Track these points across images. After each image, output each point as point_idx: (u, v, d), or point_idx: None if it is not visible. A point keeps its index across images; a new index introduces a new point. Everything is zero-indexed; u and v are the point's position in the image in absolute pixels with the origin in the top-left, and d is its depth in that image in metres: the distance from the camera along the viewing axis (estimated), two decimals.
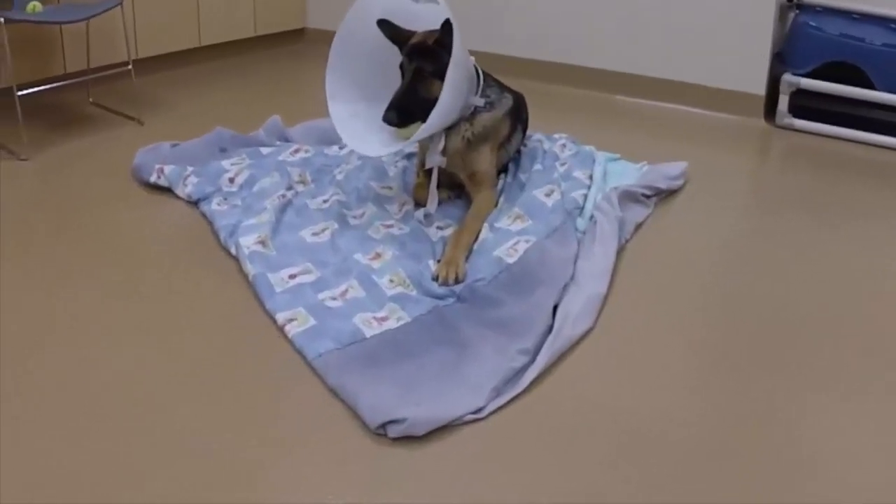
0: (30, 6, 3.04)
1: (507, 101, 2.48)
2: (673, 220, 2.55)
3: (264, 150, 2.73)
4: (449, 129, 2.31)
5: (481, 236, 2.18)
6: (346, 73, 2.37)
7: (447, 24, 2.13)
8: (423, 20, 2.30)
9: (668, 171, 2.81)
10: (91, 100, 3.53)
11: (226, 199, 2.39)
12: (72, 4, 3.30)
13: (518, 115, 2.58)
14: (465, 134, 2.33)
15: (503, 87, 2.52)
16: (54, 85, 3.23)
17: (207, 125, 3.05)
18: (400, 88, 2.22)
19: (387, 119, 2.19)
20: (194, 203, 2.42)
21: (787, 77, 3.73)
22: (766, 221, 2.67)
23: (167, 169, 2.53)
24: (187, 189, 2.45)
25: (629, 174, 2.82)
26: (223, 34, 4.27)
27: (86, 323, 1.83)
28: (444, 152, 2.32)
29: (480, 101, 2.35)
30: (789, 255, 2.39)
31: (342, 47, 2.38)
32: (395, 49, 2.31)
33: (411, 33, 2.29)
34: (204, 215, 2.34)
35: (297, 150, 2.73)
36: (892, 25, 3.87)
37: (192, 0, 4.04)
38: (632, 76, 4.03)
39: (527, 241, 2.13)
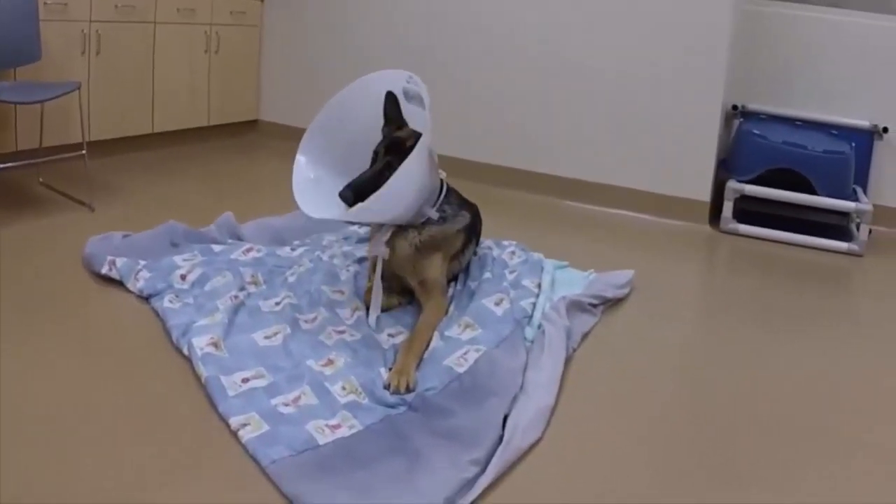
0: None
1: (463, 219, 2.74)
2: (620, 329, 2.79)
3: (216, 248, 2.92)
4: (397, 231, 2.54)
5: (432, 345, 2.38)
6: (323, 138, 2.61)
7: (419, 136, 2.39)
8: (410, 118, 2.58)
9: (615, 280, 3.08)
10: (41, 180, 3.71)
11: (178, 296, 2.56)
12: (29, 83, 3.52)
13: (473, 230, 2.85)
14: (413, 240, 2.56)
15: (463, 204, 2.79)
16: (6, 165, 3.39)
17: (159, 215, 3.25)
18: (365, 173, 2.43)
19: (343, 195, 2.36)
20: (145, 298, 2.58)
21: (732, 184, 4.11)
22: (712, 327, 2.95)
23: (119, 262, 2.70)
24: (139, 284, 2.63)
25: (577, 282, 3.07)
26: (177, 122, 4.58)
27: (29, 420, 1.92)
28: (392, 254, 2.54)
29: (435, 215, 2.59)
30: (736, 359, 2.65)
31: (332, 113, 2.63)
32: (373, 135, 2.55)
33: (403, 124, 2.56)
34: (156, 312, 2.50)
35: (249, 250, 2.93)
36: (833, 132, 4.34)
37: (147, 87, 4.32)
38: (581, 182, 4.41)
39: (477, 351, 2.33)
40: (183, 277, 2.67)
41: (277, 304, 2.57)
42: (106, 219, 3.36)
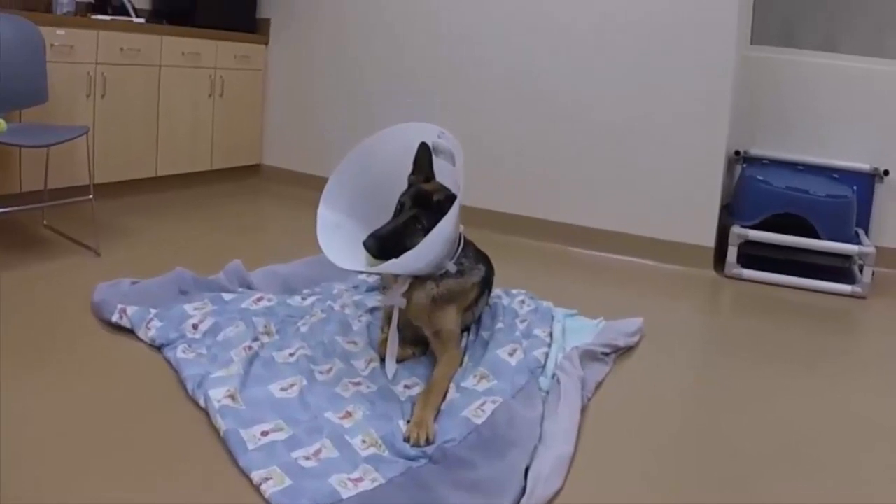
0: None
1: (479, 272, 2.78)
2: (631, 376, 2.82)
3: (227, 297, 2.94)
4: (415, 282, 2.57)
5: (448, 396, 2.40)
6: (344, 187, 2.63)
7: (453, 197, 2.44)
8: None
9: (624, 328, 3.12)
10: (45, 222, 3.74)
11: (190, 346, 2.57)
12: (36, 126, 3.56)
13: (487, 283, 2.89)
14: (431, 292, 2.59)
15: (479, 257, 2.83)
16: (11, 209, 3.39)
17: (165, 260, 3.28)
18: (391, 223, 2.46)
19: (367, 244, 2.40)
20: (157, 348, 2.59)
21: (736, 229, 4.17)
22: (721, 371, 2.99)
23: (130, 310, 2.72)
24: (150, 333, 2.63)
25: (587, 330, 3.10)
26: (180, 166, 4.63)
27: (41, 473, 1.92)
28: (408, 305, 2.57)
29: (453, 268, 2.62)
30: (746, 402, 2.69)
31: (352, 163, 2.65)
32: (398, 184, 2.59)
33: (431, 175, 2.60)
34: (169, 362, 2.50)
35: (259, 299, 2.95)
36: (834, 175, 4.42)
37: (151, 130, 4.38)
38: (586, 229, 4.47)
39: (493, 402, 2.35)
40: (195, 327, 2.68)
41: (292, 354, 2.58)
42: (112, 263, 3.38)
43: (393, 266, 2.38)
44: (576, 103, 4.44)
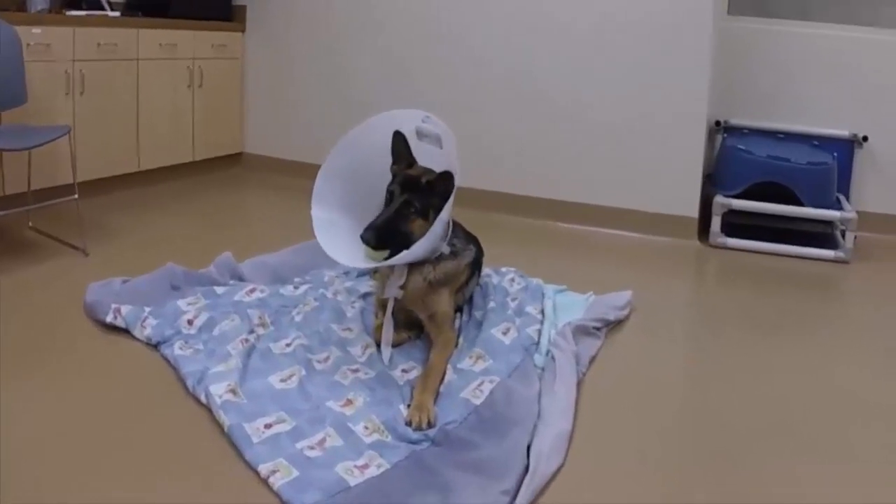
0: None
1: (470, 253, 2.81)
2: (623, 350, 2.87)
3: (219, 290, 2.95)
4: (412, 267, 2.59)
5: (446, 378, 2.43)
6: (333, 182, 2.64)
7: (447, 175, 2.44)
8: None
9: (614, 302, 3.16)
10: (30, 224, 3.71)
11: (187, 342, 2.57)
12: (16, 127, 3.51)
13: (477, 264, 2.92)
14: (428, 276, 2.61)
15: (468, 237, 2.86)
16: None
17: (153, 256, 3.28)
18: (384, 213, 2.48)
19: (364, 237, 2.42)
20: (154, 346, 2.60)
21: (719, 199, 4.21)
22: (710, 340, 3.06)
23: (124, 310, 2.71)
24: (146, 331, 2.64)
25: (577, 305, 3.15)
26: (163, 159, 4.61)
27: (47, 472, 1.93)
28: (403, 287, 2.59)
29: (447, 249, 2.65)
30: (736, 370, 2.77)
31: (338, 158, 2.66)
32: (380, 177, 2.59)
33: (413, 161, 2.60)
34: (166, 359, 2.51)
35: (252, 290, 2.96)
36: (815, 143, 4.46)
37: (132, 125, 4.36)
38: (570, 204, 4.50)
39: (491, 381, 2.40)
40: (190, 322, 2.69)
41: (288, 345, 2.60)
42: (100, 262, 3.37)
43: (403, 258, 2.41)
44: (556, 78, 4.45)
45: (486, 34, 4.57)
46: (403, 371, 2.52)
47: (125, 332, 2.69)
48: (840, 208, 4.23)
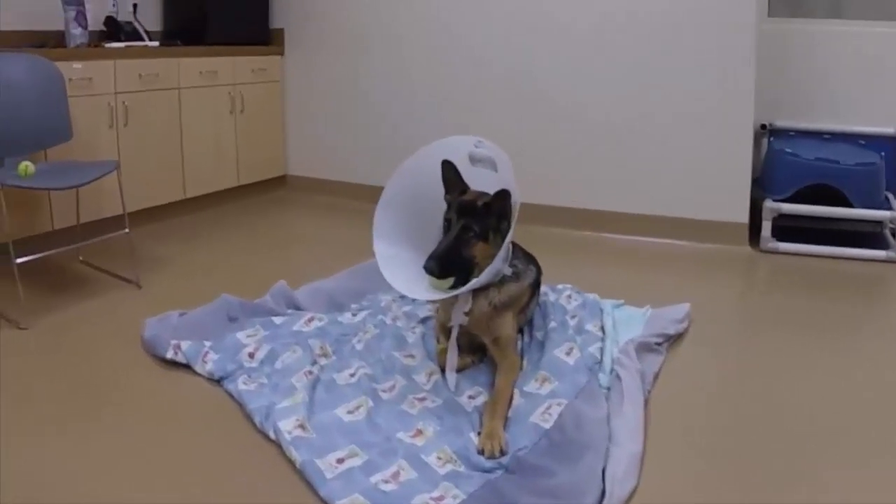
0: (21, 166, 3.20)
1: (532, 273, 2.78)
2: (684, 364, 2.83)
3: (277, 320, 2.93)
4: (476, 292, 2.55)
5: (514, 403, 2.40)
6: (391, 215, 2.61)
7: (503, 193, 2.41)
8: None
9: (673, 315, 3.12)
10: (81, 258, 3.72)
11: (250, 376, 2.55)
12: (63, 164, 3.51)
13: (537, 284, 2.88)
14: (493, 300, 2.57)
15: (528, 256, 2.82)
16: (49, 253, 3.34)
17: (206, 285, 3.29)
18: (444, 241, 2.45)
19: (428, 268, 2.39)
20: (216, 381, 2.58)
21: (769, 204, 4.14)
22: (771, 352, 2.99)
23: (184, 345, 2.70)
24: (207, 367, 2.62)
25: (636, 320, 3.10)
26: (207, 186, 4.63)
27: None
28: (468, 313, 2.55)
29: (509, 271, 2.61)
30: (801, 378, 2.72)
31: (395, 190, 2.63)
32: (437, 205, 2.57)
33: (466, 187, 2.57)
34: (231, 395, 2.49)
35: (311, 319, 2.94)
36: (861, 142, 4.37)
37: (176, 153, 4.39)
38: (619, 214, 4.44)
39: (559, 404, 2.36)
40: (251, 356, 2.67)
41: (352, 375, 2.57)
42: (154, 294, 3.37)
43: (472, 285, 2.38)
44: (604, 87, 4.40)
45: (521, 47, 4.53)
46: (470, 397, 2.48)
47: (186, 367, 2.68)
48: (889, 207, 4.15)
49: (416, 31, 4.80)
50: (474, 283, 2.37)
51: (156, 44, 4.36)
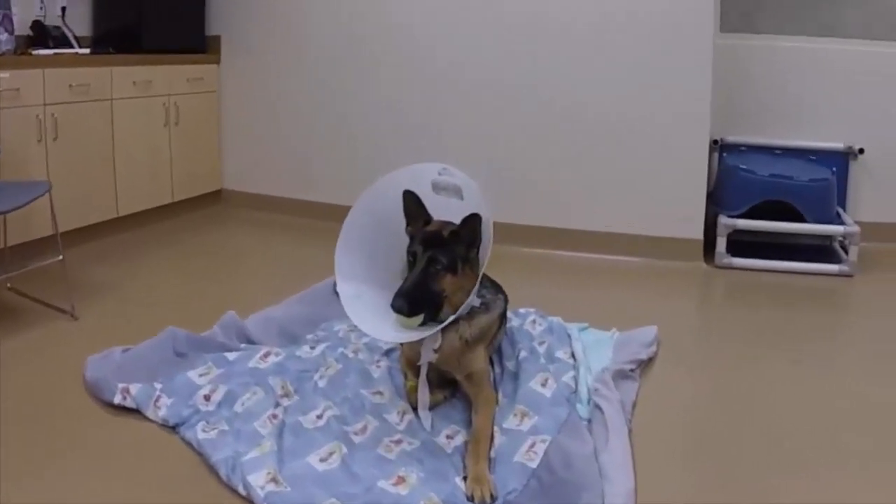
0: None
1: (501, 303, 2.66)
2: (659, 388, 2.78)
3: (230, 356, 2.70)
4: (446, 326, 2.39)
5: (495, 441, 2.27)
6: (352, 253, 2.44)
7: (473, 218, 2.27)
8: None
9: (642, 339, 3.07)
10: (9, 285, 3.39)
11: (209, 422, 2.33)
12: None
13: (505, 314, 2.76)
14: (464, 334, 2.42)
15: (495, 285, 2.69)
16: None
17: (147, 314, 3.10)
18: (411, 276, 2.30)
19: (396, 307, 2.25)
20: (171, 427, 2.35)
21: (724, 220, 4.13)
22: (738, 363, 3.01)
23: (133, 389, 2.45)
24: (161, 412, 2.39)
25: (604, 344, 3.04)
26: (142, 202, 4.37)
27: None
28: (438, 350, 2.40)
29: (478, 302, 2.47)
30: (777, 394, 2.75)
31: (353, 226, 2.45)
32: (400, 239, 2.42)
33: (429, 217, 2.42)
34: (189, 443, 2.27)
35: (266, 355, 2.72)
36: (811, 157, 4.42)
37: (108, 169, 4.10)
38: (573, 231, 4.36)
39: (543, 441, 2.26)
40: (207, 398, 2.44)
41: (319, 417, 2.38)
42: (92, 326, 3.10)
43: (444, 324, 2.25)
44: (555, 103, 4.30)
45: (466, 54, 4.41)
46: (448, 437, 2.33)
47: (135, 411, 2.43)
48: (841, 222, 4.18)
49: (362, 35, 4.62)
50: (445, 323, 2.25)
51: (86, 51, 4.07)
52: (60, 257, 3.16)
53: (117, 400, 2.45)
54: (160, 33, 4.45)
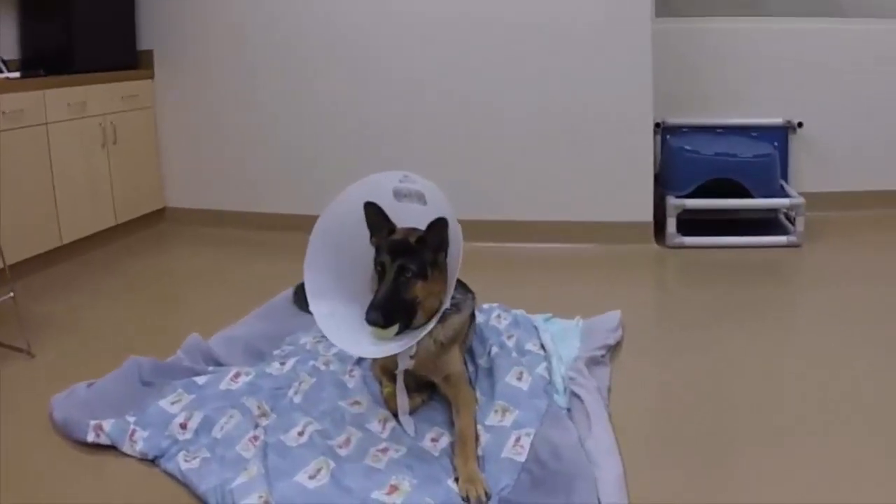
0: None
1: (471, 302, 2.66)
2: (628, 372, 2.83)
3: (200, 380, 2.63)
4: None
5: (480, 440, 2.28)
6: (320, 271, 2.41)
7: (439, 222, 2.25)
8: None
9: (606, 325, 3.13)
10: None
11: (188, 451, 2.27)
12: None
13: (474, 313, 2.77)
14: (438, 337, 2.42)
15: (463, 286, 2.68)
16: None
17: (106, 345, 3.03)
18: (383, 288, 2.28)
19: (371, 320, 2.23)
20: (150, 460, 2.28)
21: (673, 201, 4.19)
22: (701, 341, 3.08)
23: (107, 425, 2.36)
24: (138, 446, 2.30)
25: (570, 332, 3.08)
26: (85, 228, 4.23)
27: None
28: (413, 356, 2.40)
29: (449, 303, 2.44)
30: (740, 365, 2.85)
31: (318, 244, 2.41)
32: (366, 251, 2.40)
33: (393, 227, 2.39)
34: (171, 475, 2.20)
35: (237, 375, 2.65)
36: (753, 134, 4.52)
37: (48, 196, 3.97)
38: (522, 223, 4.39)
39: (527, 434, 2.30)
40: (183, 426, 2.37)
41: (301, 433, 2.34)
42: (50, 363, 2.98)
43: (420, 333, 2.24)
44: (497, 93, 4.31)
45: (405, 56, 4.40)
46: (433, 441, 2.33)
47: (109, 447, 2.34)
48: (786, 195, 4.29)
49: (299, 42, 4.56)
50: (423, 334, 2.25)
51: (16, 75, 3.93)
52: (11, 294, 3.04)
53: (91, 438, 2.36)
54: (91, 52, 4.32)
